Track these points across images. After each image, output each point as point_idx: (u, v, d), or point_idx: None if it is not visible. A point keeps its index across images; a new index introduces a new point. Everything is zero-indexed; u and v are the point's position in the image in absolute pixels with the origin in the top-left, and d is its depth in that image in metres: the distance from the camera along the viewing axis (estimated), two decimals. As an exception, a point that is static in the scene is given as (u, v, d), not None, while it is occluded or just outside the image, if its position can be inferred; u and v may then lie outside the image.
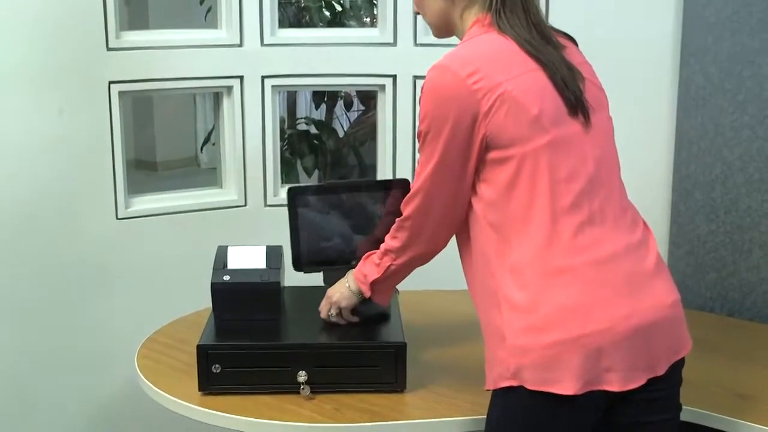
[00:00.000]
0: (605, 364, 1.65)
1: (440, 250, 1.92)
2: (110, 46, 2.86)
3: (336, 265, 2.25)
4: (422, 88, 1.73)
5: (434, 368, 2.21)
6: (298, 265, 2.26)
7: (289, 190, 2.27)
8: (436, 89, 1.70)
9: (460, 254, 1.88)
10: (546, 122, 1.67)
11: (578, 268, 1.66)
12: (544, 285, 1.66)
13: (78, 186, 2.88)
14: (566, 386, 1.64)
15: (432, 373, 2.18)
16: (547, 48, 1.72)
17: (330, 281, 2.24)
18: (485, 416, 1.94)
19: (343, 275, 2.16)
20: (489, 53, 1.71)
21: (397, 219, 1.91)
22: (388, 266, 1.97)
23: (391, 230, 1.94)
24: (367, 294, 2.04)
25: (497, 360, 1.72)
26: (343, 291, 2.10)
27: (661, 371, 1.72)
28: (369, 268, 2.02)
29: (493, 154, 1.69)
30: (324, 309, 2.15)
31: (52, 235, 2.87)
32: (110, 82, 2.88)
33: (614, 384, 1.66)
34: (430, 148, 1.73)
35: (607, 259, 1.68)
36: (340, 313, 2.13)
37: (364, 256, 2.06)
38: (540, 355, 1.65)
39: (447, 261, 3.09)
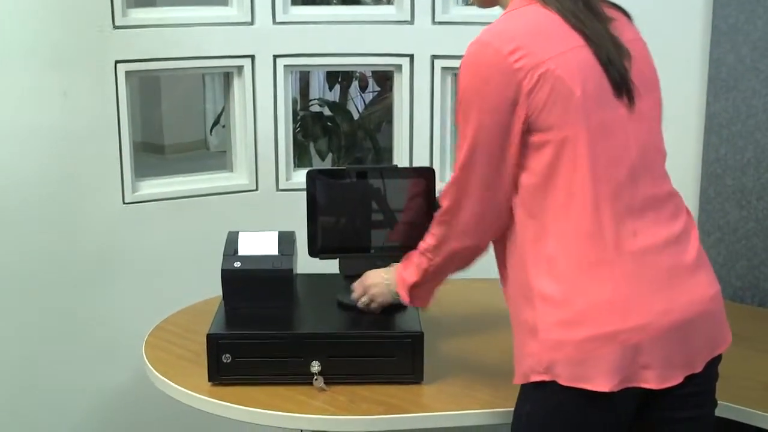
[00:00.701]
0: (642, 361, 1.64)
1: (483, 249, 1.86)
2: (116, 23, 2.86)
3: (353, 252, 2.26)
4: (461, 65, 1.69)
5: (452, 359, 2.22)
6: (313, 251, 2.26)
7: (309, 172, 2.26)
8: (477, 67, 1.66)
9: (494, 244, 1.85)
10: (589, 104, 1.63)
11: (616, 260, 1.64)
12: (580, 277, 1.65)
13: (83, 170, 2.90)
14: (601, 383, 1.63)
15: (450, 364, 2.19)
16: (593, 21, 1.67)
17: (346, 269, 2.25)
18: (504, 409, 1.95)
19: (359, 264, 2.16)
20: (532, 28, 1.67)
21: (435, 215, 1.87)
22: (426, 268, 1.93)
23: (429, 228, 1.90)
24: (406, 299, 2.01)
25: (528, 353, 1.71)
26: (382, 288, 2.08)
27: (699, 368, 1.71)
28: (408, 270, 1.98)
29: (533, 138, 1.66)
30: (357, 294, 2.15)
31: (57, 221, 2.88)
32: (116, 62, 2.88)
33: (651, 381, 1.65)
34: (468, 131, 1.69)
35: (646, 252, 1.66)
36: (369, 303, 2.14)
37: (405, 256, 2.01)
38: (574, 350, 1.64)
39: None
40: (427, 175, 2.24)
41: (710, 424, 1.80)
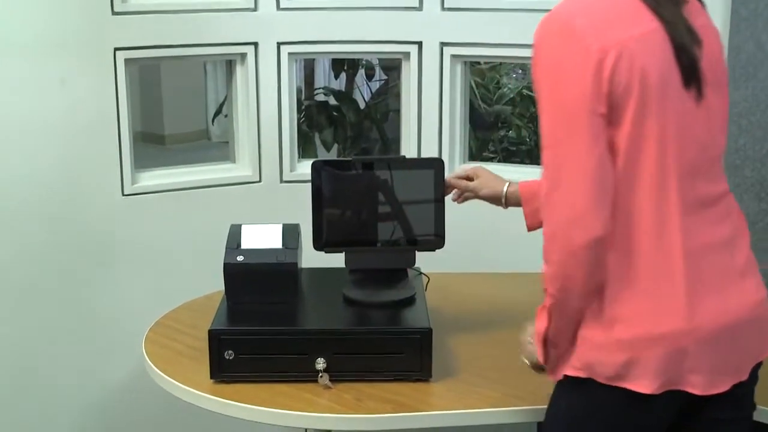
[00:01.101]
0: (689, 365, 1.62)
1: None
2: (116, 9, 2.86)
3: (359, 245, 2.25)
4: (536, 42, 1.63)
5: (462, 355, 2.21)
6: (319, 245, 2.26)
7: (314, 163, 2.26)
8: (551, 46, 1.61)
9: None
10: (659, 93, 1.58)
11: (668, 258, 1.62)
12: (629, 273, 1.62)
13: (81, 161, 2.90)
14: (643, 384, 1.62)
15: (459, 360, 2.18)
16: (668, 4, 1.62)
17: (352, 263, 2.24)
18: (516, 408, 1.95)
19: (365, 257, 2.15)
20: (608, 6, 1.62)
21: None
22: (550, 304, 1.68)
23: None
24: (540, 358, 1.76)
25: (569, 349, 1.70)
26: (529, 347, 1.86)
27: (745, 375, 1.70)
28: (540, 319, 1.74)
29: (608, 123, 1.60)
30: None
31: (54, 213, 2.88)
32: (116, 49, 2.88)
33: (697, 387, 1.64)
34: (548, 115, 1.61)
35: (697, 252, 1.63)
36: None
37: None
38: (617, 349, 1.62)
39: (475, 241, 3.09)
40: (436, 165, 2.24)
41: (749, 427, 1.79)
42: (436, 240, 2.25)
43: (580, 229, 1.58)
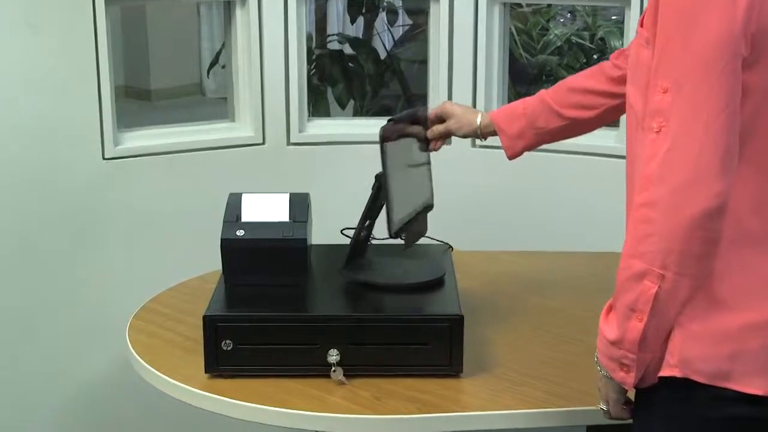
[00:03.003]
0: None
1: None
2: (95, -58, 2.87)
3: (414, 223, 2.26)
4: None
5: (498, 347, 2.22)
6: (395, 230, 2.16)
7: (385, 128, 2.15)
8: None
9: None
10: None
11: None
12: (734, 251, 1.59)
13: (54, 120, 2.91)
14: (752, 383, 1.58)
15: (495, 353, 2.19)
16: None
17: (410, 239, 2.24)
18: (561, 409, 1.96)
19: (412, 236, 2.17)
20: None
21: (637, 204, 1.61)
22: (656, 292, 1.58)
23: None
24: (633, 381, 1.66)
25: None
26: (601, 377, 1.75)
27: None
28: (611, 320, 1.66)
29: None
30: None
31: (24, 182, 2.90)
32: (95, -11, 2.89)
33: None
34: (678, 52, 1.54)
35: None
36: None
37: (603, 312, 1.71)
38: (719, 341, 1.60)
39: (510, 216, 3.10)
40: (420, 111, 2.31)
41: None
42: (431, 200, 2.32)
43: (704, 193, 1.53)
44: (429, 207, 2.35)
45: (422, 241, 2.33)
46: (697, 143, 1.52)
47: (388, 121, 2.19)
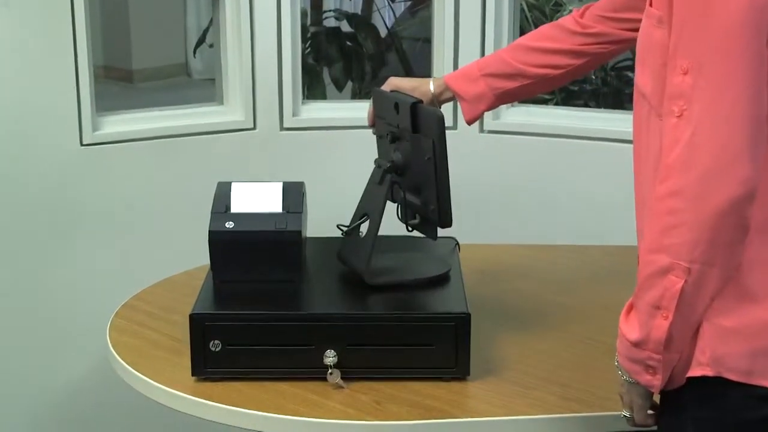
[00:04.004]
0: None
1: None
2: None
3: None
4: None
5: (508, 348, 2.22)
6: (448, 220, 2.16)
7: (441, 116, 2.14)
8: None
9: None
10: None
11: None
12: (764, 240, 1.58)
13: (28, 103, 2.91)
14: None
15: (505, 354, 2.20)
16: None
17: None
18: (577, 414, 1.96)
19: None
20: None
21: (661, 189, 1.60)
22: (681, 287, 1.58)
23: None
24: (660, 383, 1.67)
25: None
26: (623, 383, 1.75)
27: None
28: (632, 320, 1.66)
29: None
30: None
31: (-4, 167, 2.90)
32: (72, -39, 2.89)
33: None
34: (697, 29, 1.54)
35: None
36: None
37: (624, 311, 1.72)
38: (753, 336, 1.60)
39: (521, 206, 3.10)
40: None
41: None
42: None
43: (733, 179, 1.52)
44: None
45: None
46: (723, 126, 1.51)
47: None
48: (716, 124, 1.52)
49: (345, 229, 2.26)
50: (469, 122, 2.37)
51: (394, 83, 2.38)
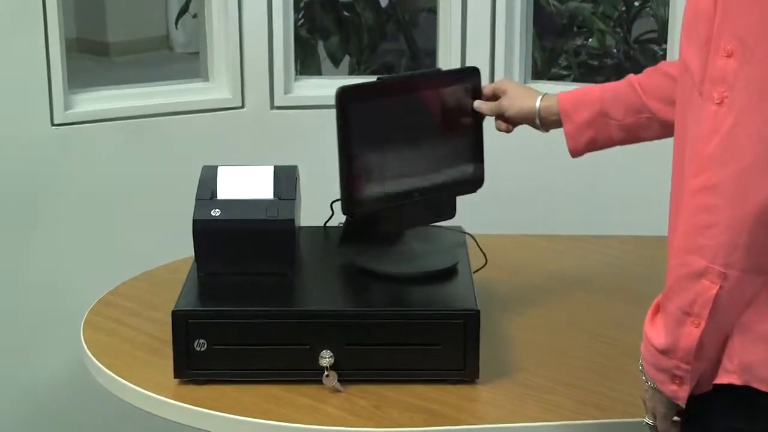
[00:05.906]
0: None
1: None
2: None
3: (398, 201, 2.25)
4: None
5: (520, 348, 2.23)
6: (350, 207, 2.19)
7: (342, 92, 2.17)
8: None
9: None
10: None
11: None
12: None
13: (-4, 77, 2.92)
14: None
15: (517, 355, 2.20)
16: None
17: (402, 223, 2.25)
18: (593, 421, 1.96)
19: (411, 216, 2.16)
20: None
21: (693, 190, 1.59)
22: (715, 293, 1.57)
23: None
24: (685, 393, 1.66)
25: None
26: (647, 389, 1.75)
27: None
28: (658, 324, 1.65)
29: None
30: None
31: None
32: None
33: None
34: (747, 12, 1.52)
35: None
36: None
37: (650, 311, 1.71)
38: None
39: (535, 193, 3.10)
40: (471, 76, 2.28)
41: None
42: (473, 179, 2.30)
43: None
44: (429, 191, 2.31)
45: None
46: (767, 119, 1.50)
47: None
48: (760, 116, 1.50)
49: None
50: (573, 155, 2.26)
51: (504, 83, 2.35)
